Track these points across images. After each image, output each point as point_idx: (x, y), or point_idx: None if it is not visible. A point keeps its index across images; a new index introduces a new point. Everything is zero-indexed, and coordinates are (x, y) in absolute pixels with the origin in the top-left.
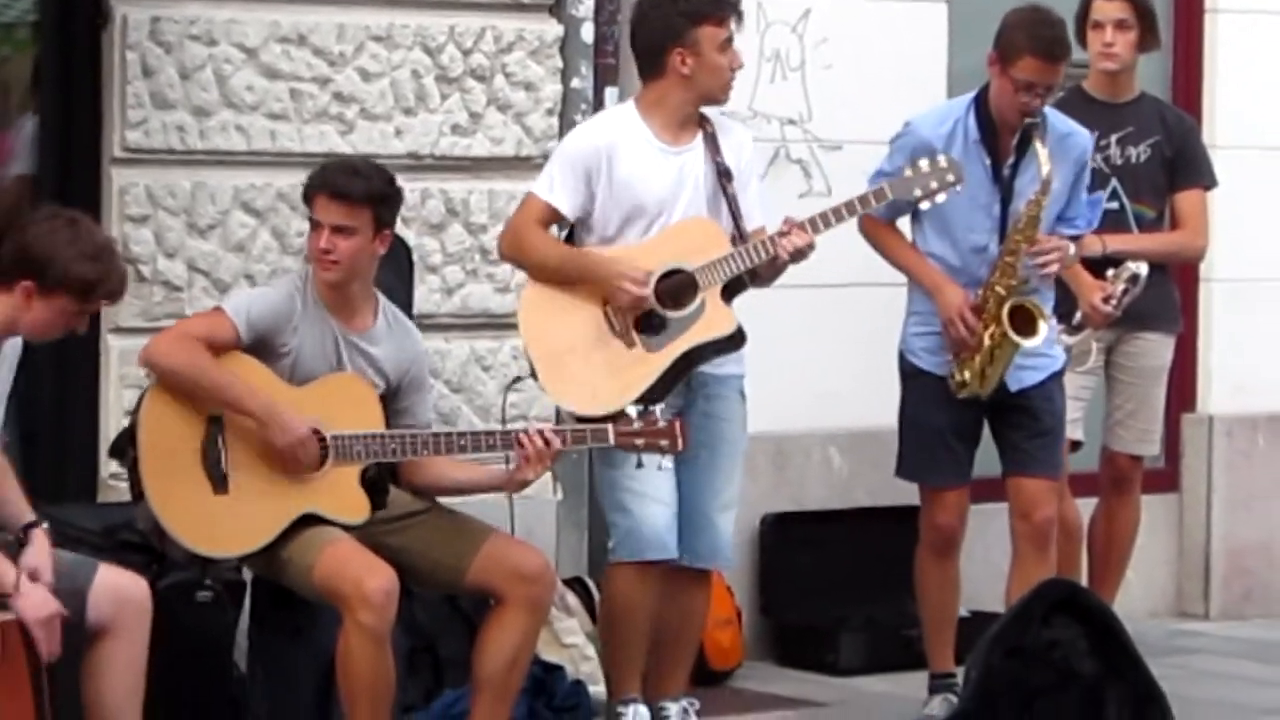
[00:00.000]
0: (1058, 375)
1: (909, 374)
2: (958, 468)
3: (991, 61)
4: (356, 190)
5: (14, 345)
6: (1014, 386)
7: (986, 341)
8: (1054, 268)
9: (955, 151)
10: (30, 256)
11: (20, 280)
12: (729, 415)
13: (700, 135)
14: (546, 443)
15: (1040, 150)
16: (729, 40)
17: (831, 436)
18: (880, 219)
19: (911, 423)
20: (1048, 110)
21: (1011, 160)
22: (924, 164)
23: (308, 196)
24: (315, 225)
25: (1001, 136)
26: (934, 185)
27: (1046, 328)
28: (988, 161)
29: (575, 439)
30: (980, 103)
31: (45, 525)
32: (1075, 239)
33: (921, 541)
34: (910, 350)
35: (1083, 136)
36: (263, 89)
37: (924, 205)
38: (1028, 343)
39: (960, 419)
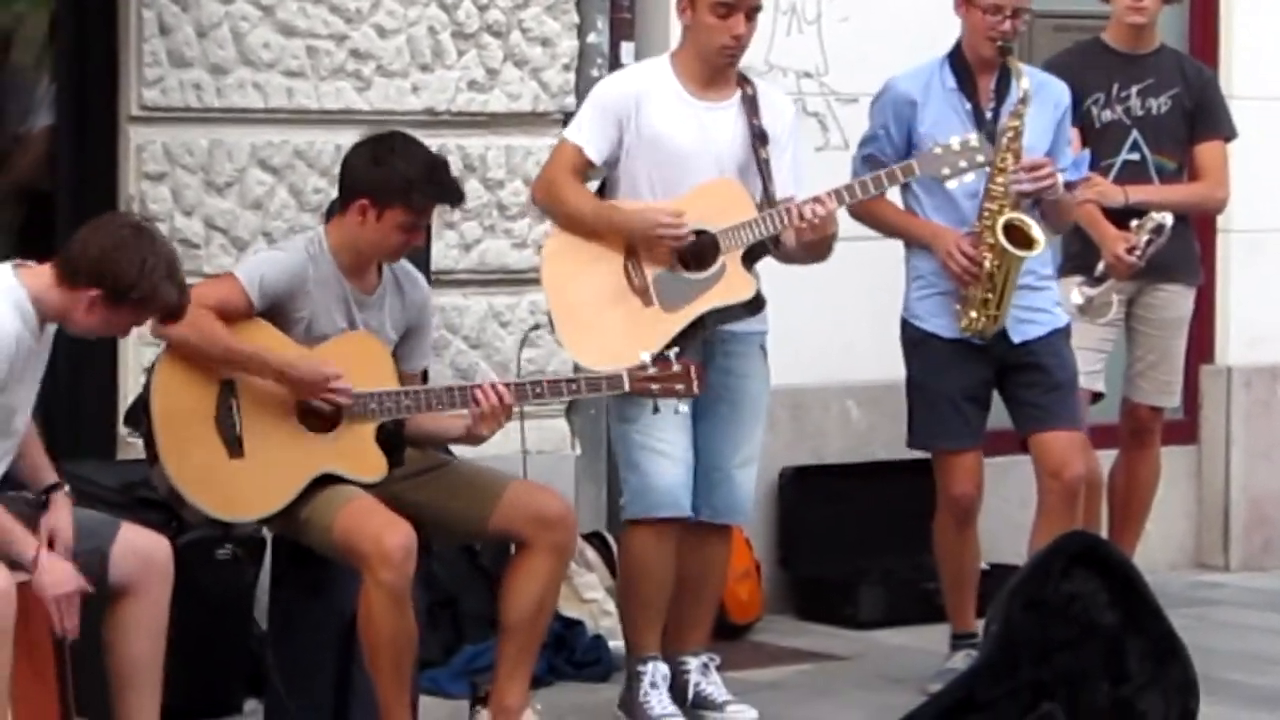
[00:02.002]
0: (1062, 332)
1: (914, 341)
2: (970, 430)
3: (957, 5)
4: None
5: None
6: (1017, 338)
7: (986, 266)
8: (1047, 183)
9: (933, 101)
10: (109, 273)
11: (90, 289)
12: (749, 371)
13: (738, 95)
14: (500, 399)
15: (1016, 64)
16: (727, 7)
17: (850, 390)
18: None
19: (920, 389)
20: (1022, 65)
21: (992, 105)
22: (955, 142)
23: (424, 205)
24: (414, 227)
25: (979, 80)
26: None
27: (1043, 239)
28: (968, 107)
29: (590, 386)
30: (954, 55)
31: (66, 489)
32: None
33: (940, 510)
34: (915, 315)
35: (1058, 84)
36: (279, 46)
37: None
38: (1027, 254)
39: (969, 381)
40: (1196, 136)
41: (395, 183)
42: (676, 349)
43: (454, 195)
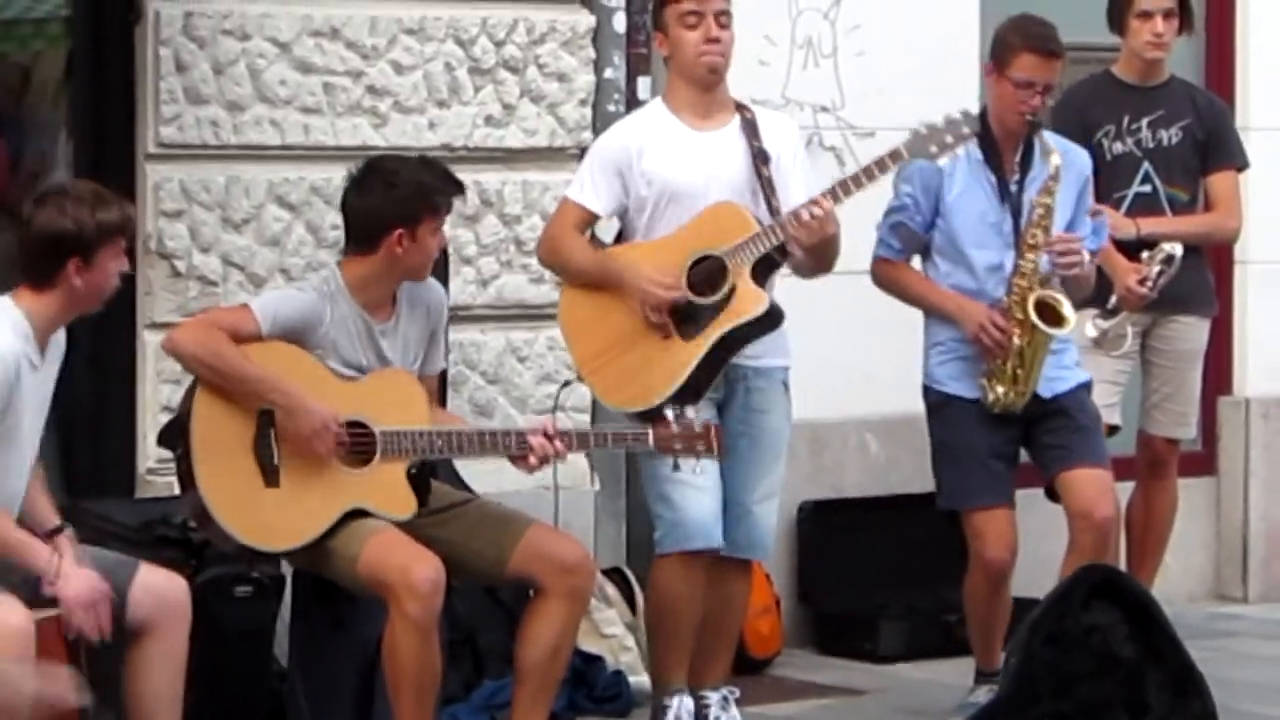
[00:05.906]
0: (1085, 386)
1: (937, 405)
2: (999, 487)
3: (989, 72)
4: None
5: (59, 344)
6: (1047, 394)
7: (1016, 342)
8: (1075, 265)
9: (958, 173)
10: (61, 236)
11: (65, 264)
12: (769, 407)
13: (737, 120)
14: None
15: (1046, 140)
16: (695, 14)
17: (868, 423)
18: (893, 259)
19: (947, 450)
20: (1045, 133)
21: (1017, 176)
22: (940, 119)
23: (444, 201)
24: (440, 228)
25: (1005, 152)
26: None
27: (1074, 317)
28: (993, 179)
29: (616, 440)
30: (980, 123)
31: (69, 530)
32: None
33: (972, 570)
34: (936, 380)
35: (1081, 153)
36: (296, 83)
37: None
38: (1058, 332)
39: (996, 438)
40: (1208, 166)
41: (414, 195)
42: (697, 408)
43: (457, 182)
